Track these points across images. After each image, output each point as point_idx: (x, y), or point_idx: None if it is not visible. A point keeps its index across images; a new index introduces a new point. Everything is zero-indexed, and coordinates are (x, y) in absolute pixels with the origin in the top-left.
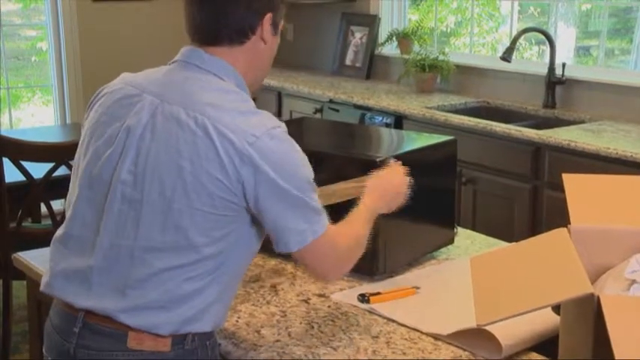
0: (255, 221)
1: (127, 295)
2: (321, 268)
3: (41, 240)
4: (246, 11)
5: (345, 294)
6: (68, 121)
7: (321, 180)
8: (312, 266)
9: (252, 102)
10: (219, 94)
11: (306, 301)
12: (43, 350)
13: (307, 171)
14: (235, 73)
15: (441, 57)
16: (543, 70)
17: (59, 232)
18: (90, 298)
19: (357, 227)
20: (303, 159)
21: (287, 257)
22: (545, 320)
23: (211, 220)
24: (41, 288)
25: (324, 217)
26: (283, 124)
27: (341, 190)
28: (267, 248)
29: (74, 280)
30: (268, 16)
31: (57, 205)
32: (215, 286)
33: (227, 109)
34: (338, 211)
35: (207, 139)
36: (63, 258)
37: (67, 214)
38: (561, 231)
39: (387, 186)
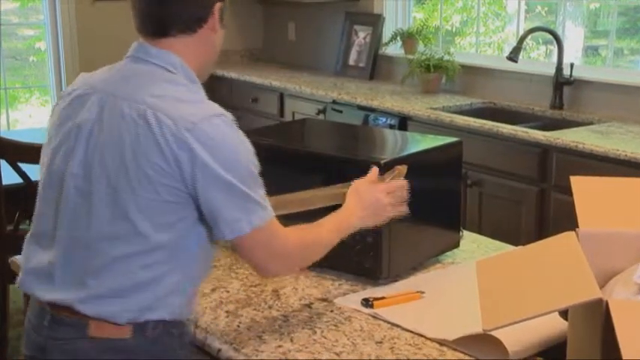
0: None
1: (86, 285)
2: (257, 260)
3: None
4: (196, 2)
5: (349, 298)
6: None
7: (324, 182)
8: (248, 257)
9: (202, 93)
10: (163, 86)
11: (309, 306)
12: (22, 349)
13: (248, 161)
14: (183, 65)
15: (446, 57)
16: (551, 71)
17: (30, 230)
18: (54, 291)
19: (319, 231)
20: (246, 149)
21: None
22: (552, 325)
23: (156, 207)
24: (17, 286)
25: (266, 211)
26: (229, 115)
27: (326, 194)
28: None
29: (41, 275)
30: (218, 6)
31: None
32: (172, 275)
33: (169, 98)
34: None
35: (147, 127)
36: (33, 255)
37: (34, 213)
38: (569, 234)
39: (371, 202)
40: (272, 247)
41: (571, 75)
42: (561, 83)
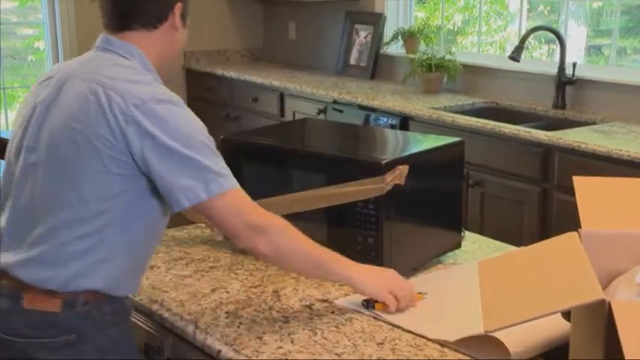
0: (157, 193)
1: (24, 250)
2: (226, 228)
3: None
4: (157, 0)
5: (350, 300)
6: None
7: (324, 183)
8: (223, 225)
9: (156, 82)
10: (117, 69)
11: (309, 307)
12: None
13: (199, 133)
14: (142, 55)
15: (447, 56)
16: (553, 70)
17: None
18: (1, 258)
19: (317, 249)
20: (197, 124)
21: None
22: (554, 327)
23: (102, 179)
24: None
25: (226, 180)
26: (179, 98)
27: (356, 190)
28: None
29: None
30: (178, 6)
31: None
32: (109, 245)
33: (121, 78)
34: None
35: (97, 102)
36: None
37: None
38: (571, 235)
39: (379, 273)
40: (244, 215)
41: (573, 74)
42: (564, 83)
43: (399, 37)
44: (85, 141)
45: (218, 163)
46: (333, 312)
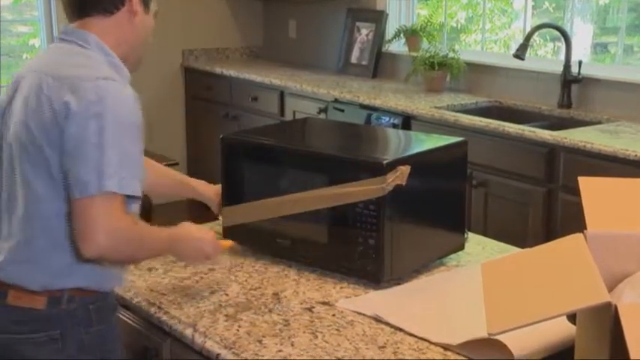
0: None
1: (2, 249)
2: (89, 228)
3: None
4: None
5: (351, 302)
6: None
7: (325, 183)
8: (84, 222)
9: (105, 64)
10: (68, 57)
11: (310, 310)
12: None
13: (128, 124)
14: (98, 42)
15: (450, 54)
16: (558, 68)
17: None
18: None
19: (156, 237)
20: (129, 112)
21: (290, 265)
22: (559, 330)
23: (48, 169)
24: None
25: (121, 183)
26: (119, 80)
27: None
28: (269, 254)
29: None
30: None
31: None
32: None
33: (66, 64)
34: None
35: (40, 91)
36: None
37: None
38: (577, 236)
39: (194, 244)
40: (112, 220)
41: (579, 73)
42: (569, 81)
43: (402, 35)
44: (27, 131)
45: (120, 163)
46: (333, 315)
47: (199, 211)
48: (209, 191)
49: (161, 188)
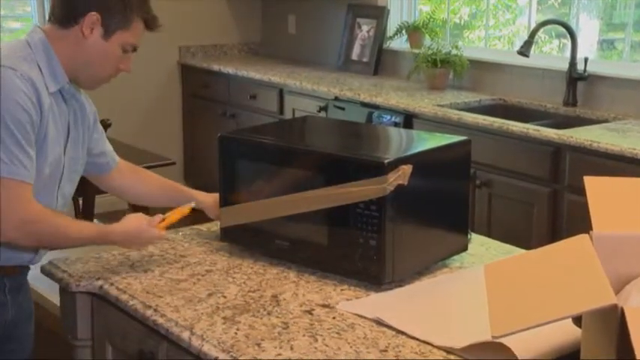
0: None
1: None
2: None
3: None
4: (70, 2)
5: (352, 304)
6: None
7: (325, 183)
8: None
9: (29, 57)
10: (6, 47)
11: (310, 312)
12: None
13: (7, 116)
14: (46, 42)
15: (453, 51)
16: (564, 66)
17: None
18: None
19: (73, 225)
20: (11, 104)
21: (289, 266)
22: (565, 333)
23: None
24: None
25: (11, 168)
26: (17, 69)
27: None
28: (268, 255)
29: None
30: (92, 15)
31: None
32: None
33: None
34: None
35: None
36: None
37: None
38: (582, 237)
39: (137, 234)
40: (10, 204)
41: (585, 70)
42: (575, 79)
43: (403, 32)
44: None
45: (13, 150)
46: (334, 317)
47: (199, 212)
48: (208, 199)
49: (160, 199)
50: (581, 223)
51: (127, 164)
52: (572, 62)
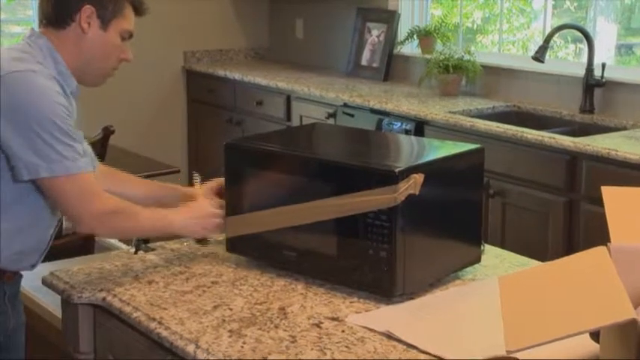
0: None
1: None
2: (72, 210)
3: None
4: (61, 1)
5: (362, 317)
6: None
7: (334, 192)
8: (62, 206)
9: (37, 60)
10: (8, 52)
11: (318, 325)
12: None
13: (50, 112)
14: (50, 48)
15: (466, 57)
16: (580, 71)
17: None
18: None
19: (138, 211)
20: (49, 102)
21: (297, 278)
22: (582, 348)
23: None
24: None
25: (73, 164)
26: (42, 71)
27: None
28: (275, 266)
29: None
30: (86, 8)
31: None
32: None
33: (4, 59)
34: None
35: None
36: None
37: None
38: (600, 249)
39: (199, 210)
40: (85, 199)
41: (602, 76)
42: (592, 85)
43: (414, 36)
44: None
45: (64, 143)
46: (343, 331)
47: None
48: (196, 190)
49: (146, 200)
50: (598, 234)
51: (106, 167)
52: (589, 68)
